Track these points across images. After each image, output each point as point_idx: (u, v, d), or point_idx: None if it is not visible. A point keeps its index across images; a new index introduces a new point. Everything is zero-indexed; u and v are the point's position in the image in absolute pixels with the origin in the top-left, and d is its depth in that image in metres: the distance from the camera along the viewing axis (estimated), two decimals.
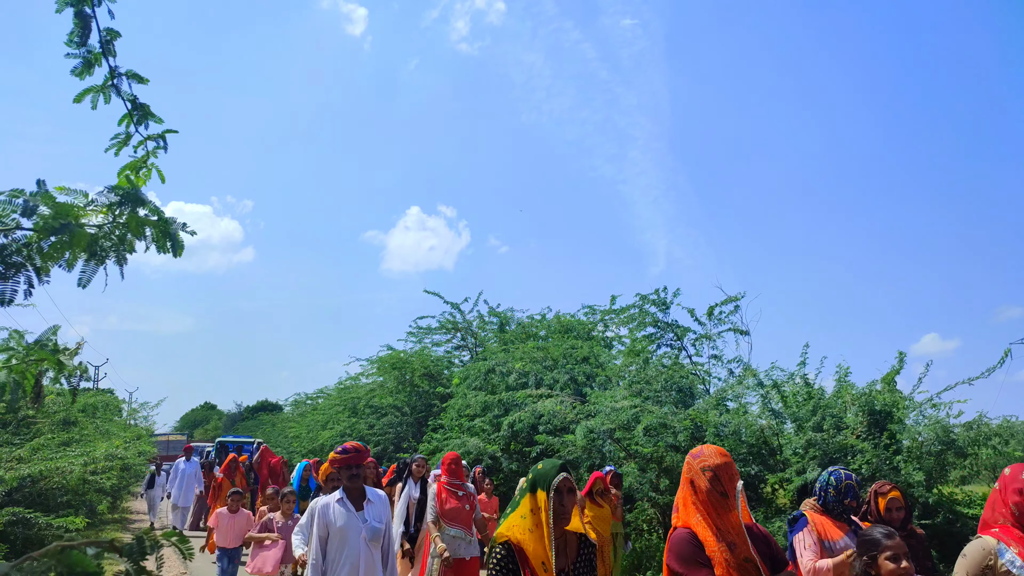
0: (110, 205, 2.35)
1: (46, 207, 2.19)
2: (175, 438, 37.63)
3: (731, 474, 2.88)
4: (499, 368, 13.74)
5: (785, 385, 9.05)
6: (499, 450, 11.72)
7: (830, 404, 8.25)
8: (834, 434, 7.74)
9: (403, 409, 18.40)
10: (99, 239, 2.31)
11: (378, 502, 4.65)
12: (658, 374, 10.77)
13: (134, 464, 17.07)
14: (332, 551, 4.39)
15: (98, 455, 10.39)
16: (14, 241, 2.26)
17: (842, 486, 4.12)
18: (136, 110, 2.75)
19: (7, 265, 2.25)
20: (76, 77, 2.59)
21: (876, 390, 8.09)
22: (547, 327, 17.15)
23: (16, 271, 2.27)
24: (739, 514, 2.90)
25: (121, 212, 2.36)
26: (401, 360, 18.61)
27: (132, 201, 2.37)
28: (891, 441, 7.38)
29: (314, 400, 30.41)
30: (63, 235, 2.19)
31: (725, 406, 9.91)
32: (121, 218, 2.35)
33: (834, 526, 4.05)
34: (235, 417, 63.16)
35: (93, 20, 2.49)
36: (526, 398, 11.75)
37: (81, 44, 2.52)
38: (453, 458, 6.80)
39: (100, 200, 2.34)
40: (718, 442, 8.74)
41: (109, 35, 2.58)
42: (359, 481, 4.58)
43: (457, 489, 6.61)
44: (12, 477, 8.00)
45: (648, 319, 12.41)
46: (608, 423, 9.79)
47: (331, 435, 19.71)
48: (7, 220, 2.23)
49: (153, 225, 2.42)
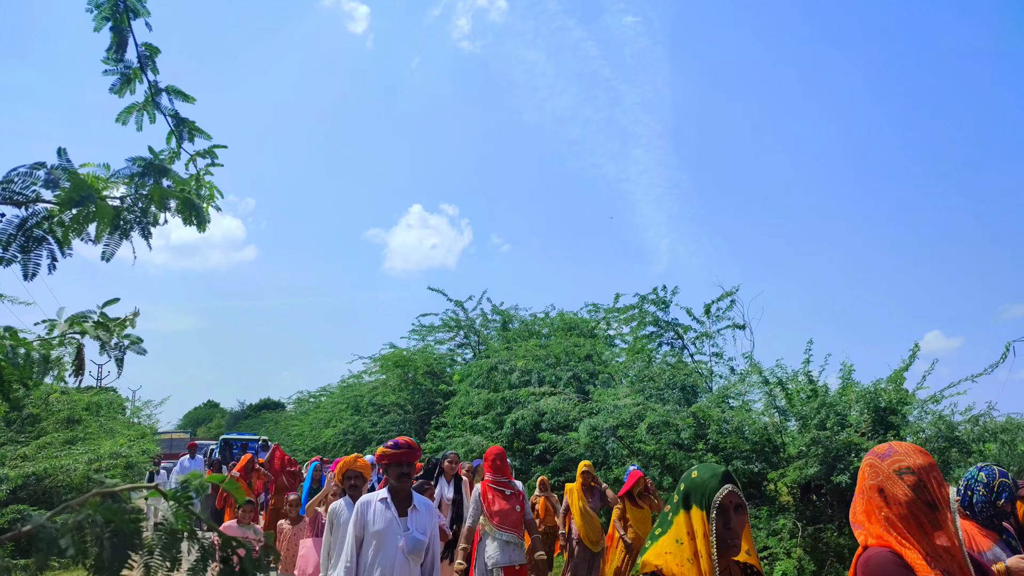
0: (132, 176, 2.30)
1: (67, 180, 2.15)
2: (178, 436, 37.66)
3: (939, 479, 2.15)
4: (501, 366, 13.76)
5: (789, 382, 9.05)
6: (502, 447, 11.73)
7: (834, 401, 8.25)
8: (838, 431, 7.74)
9: (406, 407, 18.43)
10: (122, 211, 2.26)
11: (424, 511, 4.05)
12: (661, 372, 10.79)
13: (138, 462, 17.06)
14: (366, 557, 3.85)
15: (102, 453, 10.42)
16: (35, 214, 2.22)
17: (995, 484, 3.51)
18: (181, 126, 2.68)
19: (29, 238, 2.21)
20: (115, 95, 2.52)
21: (882, 387, 8.08)
22: (550, 325, 17.17)
23: (39, 244, 2.23)
24: (956, 532, 2.13)
25: (143, 183, 2.30)
26: (404, 358, 18.64)
27: (156, 172, 2.32)
28: (895, 438, 7.37)
29: (317, 398, 30.45)
30: (84, 207, 2.14)
31: (728, 403, 9.92)
32: (143, 189, 2.29)
33: (981, 533, 3.44)
34: (238, 415, 63.22)
35: (130, 35, 2.44)
36: (529, 396, 11.76)
37: (118, 60, 2.46)
38: (498, 452, 6.15)
39: (123, 171, 2.29)
40: (721, 439, 8.74)
41: (148, 50, 2.52)
42: (407, 482, 4.05)
43: (504, 487, 5.92)
44: (17, 475, 8.03)
45: (648, 318, 12.45)
46: (611, 421, 9.81)
47: (334, 433, 19.75)
48: (28, 192, 2.20)
49: (177, 196, 2.37)
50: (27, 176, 2.20)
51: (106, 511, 1.26)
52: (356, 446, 18.42)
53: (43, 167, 2.19)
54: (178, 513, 1.38)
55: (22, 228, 2.21)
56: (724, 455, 8.82)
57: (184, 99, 2.67)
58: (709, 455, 8.85)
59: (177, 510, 1.38)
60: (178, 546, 1.36)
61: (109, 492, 1.30)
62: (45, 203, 2.23)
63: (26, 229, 2.21)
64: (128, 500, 1.32)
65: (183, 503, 1.40)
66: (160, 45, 2.49)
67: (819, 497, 8.30)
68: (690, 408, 9.36)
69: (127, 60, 2.52)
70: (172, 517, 1.37)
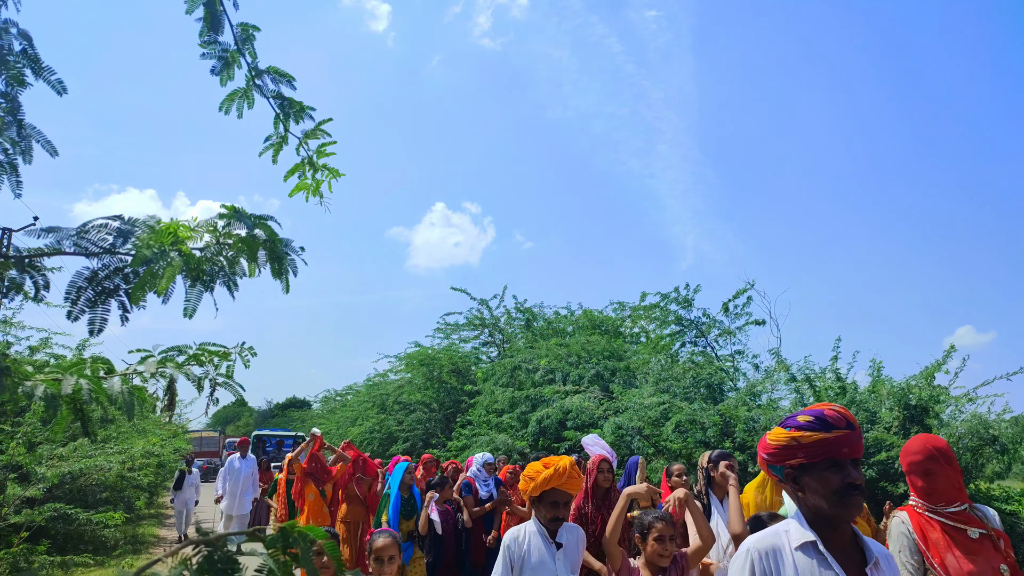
0: (215, 227, 2.13)
1: (144, 232, 2.03)
2: (208, 434, 38.15)
3: None
4: (525, 365, 13.79)
5: (817, 380, 8.96)
6: (527, 446, 11.76)
7: (863, 399, 8.17)
8: (867, 429, 7.66)
9: (431, 405, 18.51)
10: (203, 263, 2.10)
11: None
12: (685, 371, 10.75)
13: (169, 461, 17.30)
14: None
15: (135, 452, 10.62)
16: (105, 267, 2.12)
17: None
18: (286, 107, 2.51)
19: (98, 291, 2.11)
20: (218, 83, 2.41)
21: (913, 384, 7.98)
22: (574, 323, 17.16)
23: (108, 297, 2.12)
24: None
25: (228, 233, 2.13)
26: (429, 357, 18.73)
27: (240, 219, 2.14)
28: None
29: (343, 397, 30.70)
30: (156, 263, 1.98)
31: (755, 401, 9.86)
32: (228, 239, 2.13)
33: None
34: (266, 414, 63.99)
35: (224, 15, 2.30)
36: (553, 394, 11.78)
37: (213, 42, 2.33)
38: None
39: (207, 221, 2.14)
40: (748, 438, 8.69)
41: (244, 31, 2.36)
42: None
43: None
44: (54, 474, 8.21)
45: (671, 317, 12.43)
46: (636, 419, 9.79)
47: (360, 431, 19.89)
48: (101, 244, 2.09)
49: (265, 247, 2.17)
50: (102, 228, 2.10)
51: (204, 567, 1.19)
52: (382, 444, 18.55)
53: (119, 219, 2.09)
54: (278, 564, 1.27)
55: (92, 281, 2.12)
56: (751, 453, 8.76)
57: (288, 81, 2.50)
58: (736, 454, 8.79)
59: (277, 560, 1.28)
60: None
61: (204, 541, 1.25)
62: (122, 255, 2.12)
63: (95, 282, 2.11)
64: (224, 548, 1.25)
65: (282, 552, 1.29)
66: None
67: None
68: (717, 407, 9.31)
69: (223, 42, 2.38)
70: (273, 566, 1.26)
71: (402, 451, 16.64)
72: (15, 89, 2.25)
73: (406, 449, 16.92)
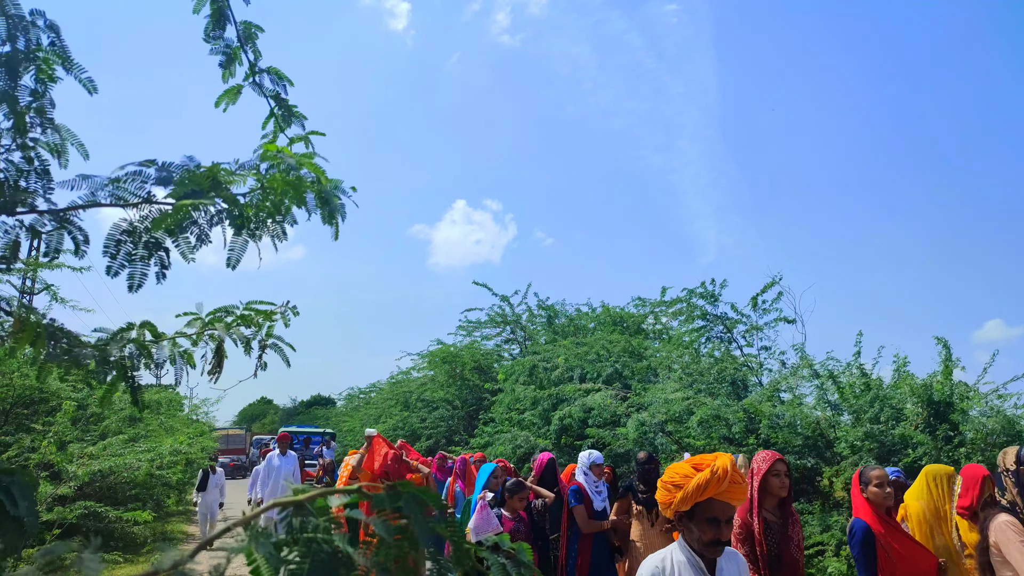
0: (257, 168, 1.96)
1: (184, 176, 1.86)
2: (234, 432, 38.48)
3: None
4: (543, 363, 13.79)
5: (841, 376, 8.87)
6: (550, 444, 11.76)
7: (888, 395, 8.06)
8: (893, 426, 7.57)
9: (454, 403, 18.58)
10: (247, 209, 1.94)
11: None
12: (710, 366, 10.68)
13: (197, 459, 17.51)
14: None
15: (163, 451, 10.78)
16: (146, 218, 1.99)
17: None
18: (281, 109, 2.44)
19: (137, 245, 1.98)
20: (221, 78, 2.36)
21: (938, 380, 7.87)
22: (596, 320, 17.11)
23: (147, 250, 2.00)
24: None
25: (272, 176, 1.94)
26: (451, 354, 18.78)
27: (284, 160, 1.96)
28: (953, 432, 7.16)
29: (367, 394, 30.90)
30: (203, 203, 1.83)
31: (779, 397, 9.77)
32: (272, 183, 1.93)
33: None
34: (290, 411, 64.53)
35: (228, 11, 2.28)
36: (575, 392, 11.77)
37: (218, 38, 2.30)
38: None
39: (248, 163, 1.96)
40: (772, 434, 8.62)
41: (246, 29, 2.34)
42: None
43: None
44: (84, 473, 8.36)
45: (696, 312, 12.33)
46: (660, 416, 9.75)
47: (384, 429, 20.01)
48: (139, 193, 1.96)
49: (313, 189, 1.97)
50: (136, 175, 1.96)
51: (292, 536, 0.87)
52: (406, 441, 18.63)
53: (153, 164, 1.95)
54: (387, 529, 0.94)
55: (131, 234, 1.99)
56: (776, 450, 8.69)
57: (287, 82, 2.44)
58: (760, 449, 8.73)
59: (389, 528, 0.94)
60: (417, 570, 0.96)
61: (292, 502, 0.92)
62: (158, 204, 1.98)
63: (135, 235, 1.99)
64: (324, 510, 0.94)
65: None
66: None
67: None
68: (741, 403, 9.25)
69: (227, 38, 2.35)
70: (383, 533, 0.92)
71: (425, 448, 16.70)
72: (46, 87, 2.13)
73: (429, 447, 16.99)
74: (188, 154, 1.95)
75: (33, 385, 9.06)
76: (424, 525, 0.96)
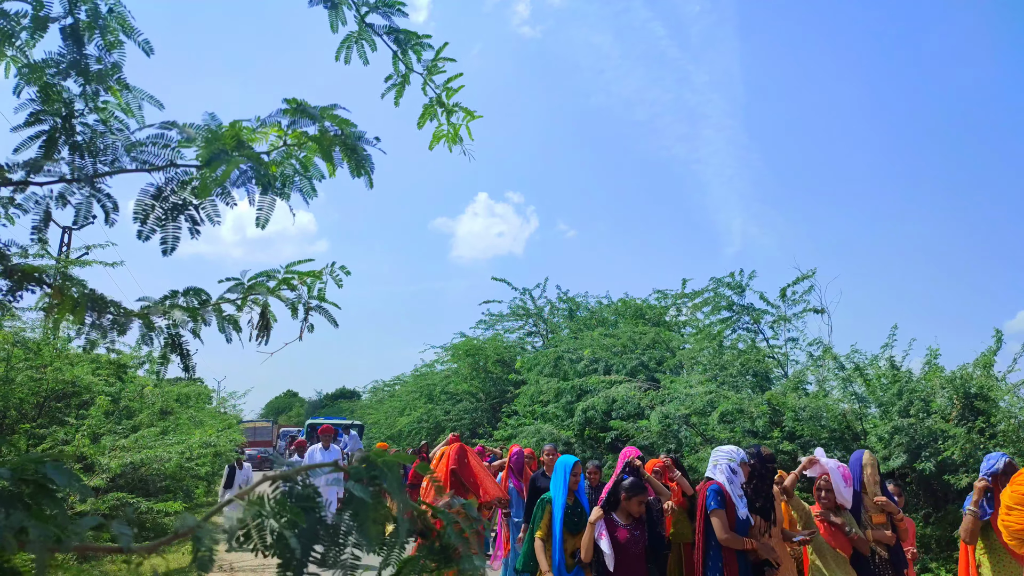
0: (278, 125, 1.89)
1: (205, 136, 1.82)
2: (261, 424, 38.93)
3: None
4: (568, 355, 13.78)
5: (868, 368, 8.76)
6: (573, 436, 11.78)
7: (918, 388, 7.95)
8: (923, 419, 7.46)
9: (478, 395, 18.66)
10: (271, 167, 1.89)
11: None
12: (734, 359, 10.60)
13: (224, 451, 17.71)
14: None
15: (193, 443, 10.95)
16: (171, 180, 1.98)
17: None
18: (402, 41, 2.32)
19: (165, 209, 1.97)
20: (331, 30, 2.28)
21: (970, 372, 7.74)
22: (617, 312, 17.07)
23: (177, 213, 1.98)
24: None
25: (295, 133, 1.90)
26: (474, 347, 18.87)
27: (306, 113, 1.88)
28: (986, 425, 7.05)
29: (391, 387, 31.12)
30: (221, 163, 1.75)
31: (804, 389, 9.68)
32: (296, 139, 1.90)
33: None
34: (316, 404, 65.21)
35: None
36: (599, 384, 11.75)
37: None
38: None
39: (270, 119, 1.89)
40: (797, 426, 8.54)
41: None
42: None
43: None
44: (117, 465, 8.53)
45: (723, 302, 12.21)
46: (683, 409, 9.72)
47: (408, 421, 20.16)
48: (164, 156, 1.95)
49: (338, 142, 1.91)
50: (159, 139, 1.93)
51: (280, 503, 1.08)
52: (430, 434, 18.76)
53: (175, 126, 1.90)
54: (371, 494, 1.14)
55: (159, 198, 1.97)
56: (801, 442, 8.62)
57: (398, 9, 2.31)
58: (785, 443, 8.66)
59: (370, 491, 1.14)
60: (378, 525, 1.13)
61: (283, 476, 1.14)
62: (184, 166, 1.97)
63: (163, 198, 1.97)
64: (305, 482, 1.15)
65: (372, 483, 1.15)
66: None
67: (904, 486, 8.03)
68: (764, 395, 9.18)
69: None
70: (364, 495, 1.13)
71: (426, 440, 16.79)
72: (111, 54, 2.11)
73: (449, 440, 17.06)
74: (209, 111, 1.91)
75: (66, 379, 9.25)
76: (397, 484, 1.15)
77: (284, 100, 1.84)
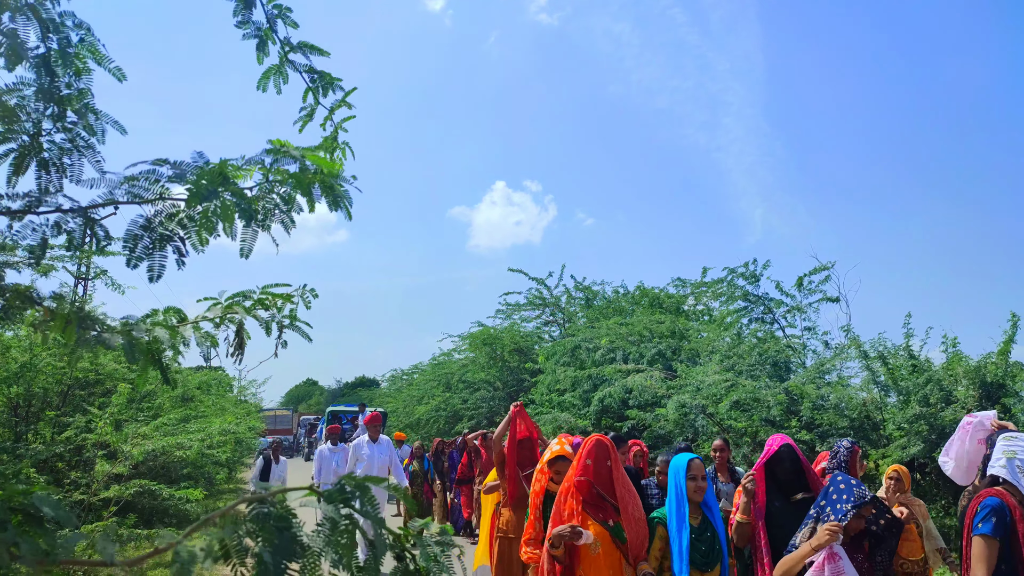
0: (262, 163, 2.09)
1: (193, 174, 2.00)
2: (281, 412, 39.34)
3: None
4: (585, 344, 13.77)
5: (890, 357, 8.67)
6: (590, 425, 11.78)
7: (939, 376, 7.86)
8: (942, 408, 7.38)
9: (495, 384, 18.72)
10: (254, 202, 2.06)
11: None
12: (751, 348, 10.53)
13: (245, 438, 17.87)
14: None
15: (213, 431, 11.09)
16: (159, 212, 2.13)
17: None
18: (318, 80, 2.61)
19: (154, 239, 2.12)
20: (256, 61, 2.55)
21: (990, 361, 7.63)
22: (634, 300, 17.03)
23: (165, 243, 2.13)
24: None
25: (280, 170, 2.09)
26: (492, 336, 18.92)
27: (288, 153, 2.09)
28: (1004, 415, 6.96)
29: (409, 376, 31.27)
30: (213, 201, 1.94)
31: (823, 379, 9.61)
32: (278, 176, 2.08)
33: None
34: (335, 392, 65.77)
35: None
36: (615, 373, 11.74)
37: (246, 22, 2.46)
38: None
39: (255, 158, 2.09)
40: (816, 415, 8.48)
41: (277, 10, 2.49)
42: None
43: None
44: (139, 452, 8.66)
45: (738, 292, 12.14)
46: (700, 398, 9.68)
47: (426, 410, 20.28)
48: (154, 189, 2.10)
49: (317, 179, 2.11)
50: (151, 174, 2.11)
51: (256, 522, 1.12)
52: (448, 423, 18.87)
53: (167, 163, 2.09)
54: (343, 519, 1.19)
55: (148, 228, 2.14)
56: (819, 432, 8.56)
57: (319, 53, 2.61)
58: (803, 432, 8.61)
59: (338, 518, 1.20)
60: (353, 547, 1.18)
61: (258, 498, 1.19)
62: (172, 200, 2.14)
63: (151, 229, 2.14)
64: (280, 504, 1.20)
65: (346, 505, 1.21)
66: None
67: (923, 476, 7.96)
68: (783, 384, 9.12)
69: (256, 21, 2.50)
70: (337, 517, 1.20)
71: (467, 429, 16.87)
72: (81, 80, 2.34)
73: (471, 427, 17.16)
74: (198, 150, 2.14)
75: (89, 368, 9.40)
76: (372, 508, 1.23)
77: (269, 141, 2.06)
